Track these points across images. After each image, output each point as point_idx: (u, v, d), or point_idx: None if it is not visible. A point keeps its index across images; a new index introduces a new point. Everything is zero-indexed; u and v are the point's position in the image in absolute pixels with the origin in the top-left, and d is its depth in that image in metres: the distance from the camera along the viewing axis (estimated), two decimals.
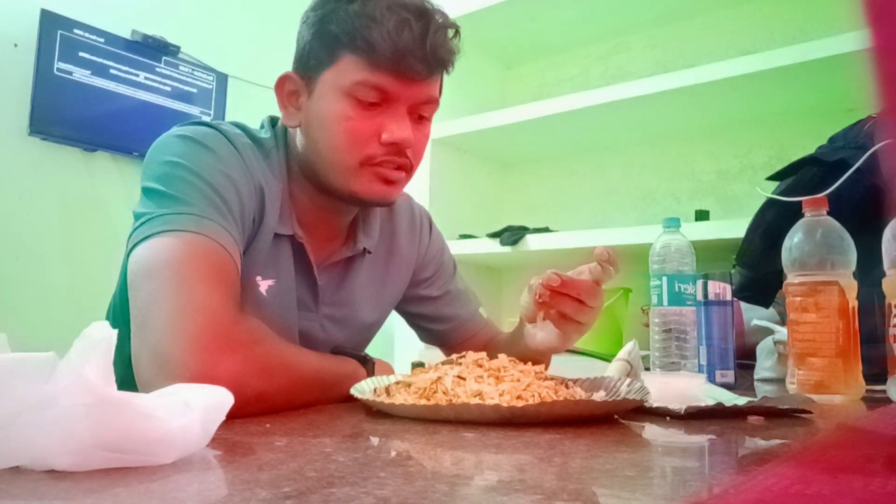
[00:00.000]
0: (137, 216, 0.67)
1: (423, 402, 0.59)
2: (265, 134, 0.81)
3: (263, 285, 0.78)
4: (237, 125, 0.80)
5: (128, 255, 0.66)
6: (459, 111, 1.98)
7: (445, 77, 0.81)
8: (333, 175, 0.77)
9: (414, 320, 1.05)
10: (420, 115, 0.78)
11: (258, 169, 0.76)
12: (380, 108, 0.74)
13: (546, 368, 0.69)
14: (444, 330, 1.03)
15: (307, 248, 0.81)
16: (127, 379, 0.58)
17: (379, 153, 0.75)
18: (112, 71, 2.06)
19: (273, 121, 0.85)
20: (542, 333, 0.81)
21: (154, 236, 0.64)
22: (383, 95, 0.74)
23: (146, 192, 0.69)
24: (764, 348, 1.15)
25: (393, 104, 0.75)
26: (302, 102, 0.78)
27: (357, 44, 0.72)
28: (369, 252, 0.89)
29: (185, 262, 0.62)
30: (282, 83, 0.80)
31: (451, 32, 0.77)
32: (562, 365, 0.89)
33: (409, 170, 0.79)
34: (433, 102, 0.79)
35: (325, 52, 0.74)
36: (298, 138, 0.80)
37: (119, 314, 0.77)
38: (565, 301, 0.77)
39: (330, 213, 0.83)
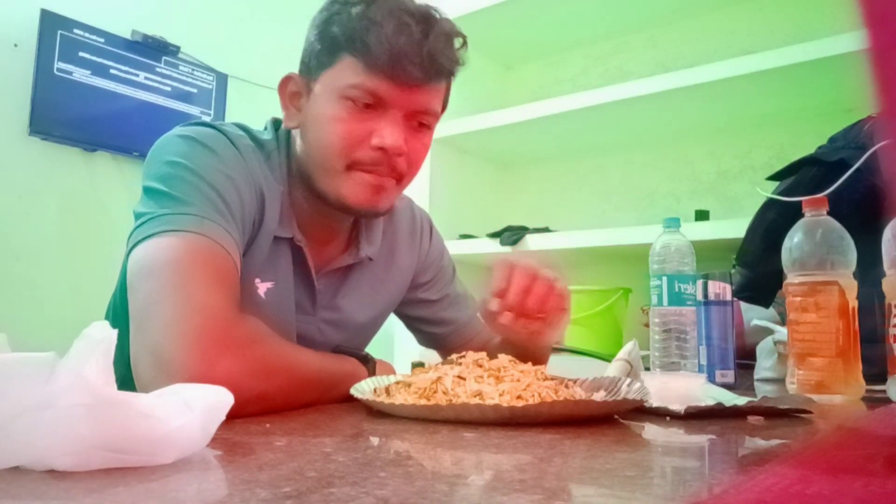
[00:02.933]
0: (138, 216, 0.67)
1: (423, 402, 0.59)
2: (267, 136, 0.81)
3: (262, 287, 0.78)
4: (239, 126, 0.79)
5: (128, 254, 0.66)
6: (459, 111, 1.97)
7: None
8: (322, 177, 0.76)
9: (412, 323, 1.05)
10: (419, 123, 0.77)
11: (259, 170, 0.76)
12: (374, 112, 0.73)
13: (545, 367, 0.69)
14: (442, 333, 1.03)
15: (306, 251, 0.81)
16: (128, 378, 0.59)
17: (368, 157, 0.74)
18: (112, 71, 2.06)
19: (276, 123, 0.84)
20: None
21: (154, 236, 0.64)
22: (378, 99, 0.73)
23: (147, 191, 0.69)
24: (764, 348, 1.15)
25: (388, 109, 0.74)
26: (302, 104, 0.78)
27: (355, 46, 0.71)
28: (371, 259, 0.89)
29: (185, 262, 0.62)
30: (284, 84, 0.79)
31: (457, 42, 0.76)
32: (562, 365, 0.89)
33: (400, 179, 0.78)
34: (432, 113, 0.77)
35: (325, 53, 0.74)
36: (297, 141, 0.79)
37: (120, 313, 0.77)
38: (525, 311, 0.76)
39: (328, 217, 0.83)
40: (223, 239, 0.66)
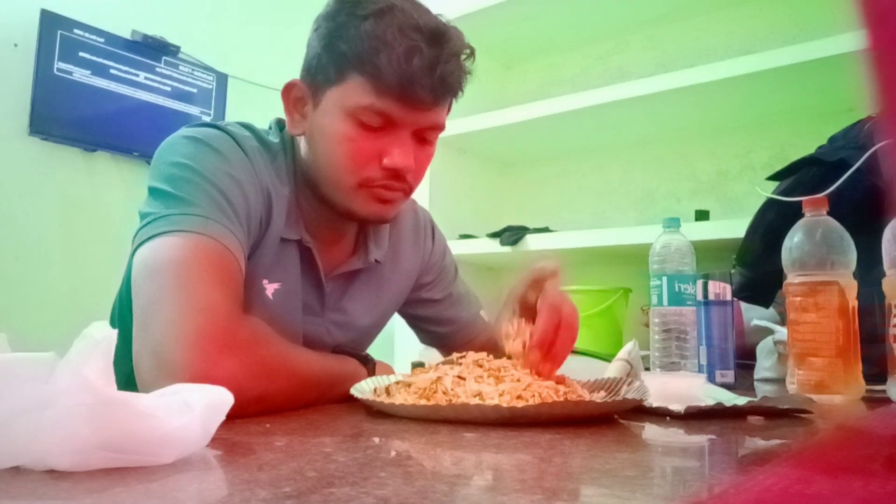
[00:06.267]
0: (143, 216, 0.67)
1: (423, 402, 0.59)
2: (273, 137, 0.81)
3: (270, 288, 0.78)
4: (246, 126, 0.79)
5: (133, 253, 0.66)
6: (459, 111, 1.96)
7: None
8: (331, 191, 0.76)
9: (415, 322, 1.05)
10: (424, 137, 0.77)
11: (265, 172, 0.76)
12: (383, 131, 0.73)
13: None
14: (445, 332, 1.03)
15: (315, 253, 0.81)
16: (133, 376, 0.59)
17: (378, 176, 0.74)
18: (112, 71, 2.06)
19: (280, 124, 0.84)
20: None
21: (158, 236, 0.64)
22: (387, 120, 0.72)
23: (152, 192, 0.69)
24: (764, 348, 1.15)
25: (397, 128, 0.73)
26: (307, 111, 0.77)
27: (364, 67, 0.70)
28: (378, 262, 0.90)
29: (189, 262, 0.62)
30: (288, 90, 0.78)
31: (464, 55, 0.75)
32: (562, 365, 0.89)
33: (407, 191, 0.78)
34: (439, 128, 0.78)
35: (332, 68, 0.72)
36: (303, 147, 0.79)
37: (125, 312, 0.77)
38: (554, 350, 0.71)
39: (335, 220, 0.82)
40: (227, 240, 0.66)
